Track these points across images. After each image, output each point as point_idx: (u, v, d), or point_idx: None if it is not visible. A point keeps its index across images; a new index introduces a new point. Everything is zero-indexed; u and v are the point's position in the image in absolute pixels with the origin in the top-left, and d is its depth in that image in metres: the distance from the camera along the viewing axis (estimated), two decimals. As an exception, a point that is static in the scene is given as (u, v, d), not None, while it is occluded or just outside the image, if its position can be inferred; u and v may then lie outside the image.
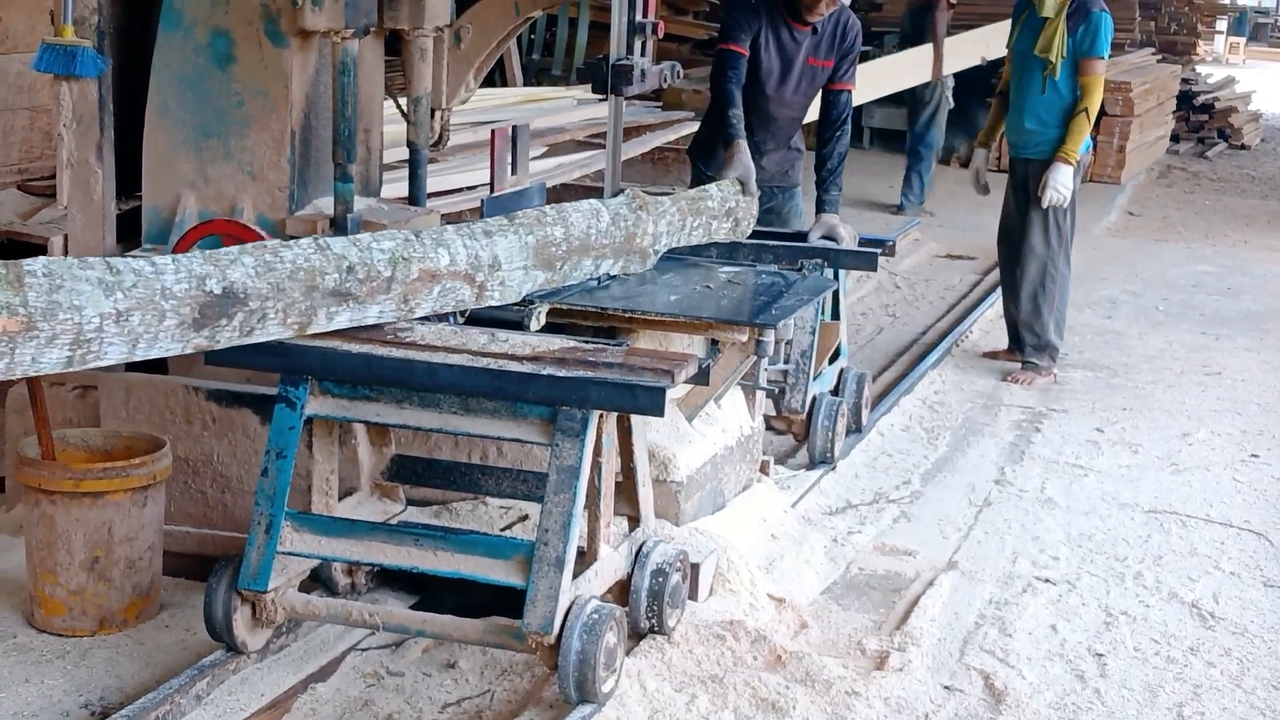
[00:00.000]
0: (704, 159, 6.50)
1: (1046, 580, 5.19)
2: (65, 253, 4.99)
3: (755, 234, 5.89)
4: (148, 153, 4.88)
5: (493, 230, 4.21)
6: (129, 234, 4.95)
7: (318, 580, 4.52)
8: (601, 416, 4.05)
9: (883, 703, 4.20)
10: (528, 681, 4.27)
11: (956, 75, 13.69)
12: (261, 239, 4.56)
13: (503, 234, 4.23)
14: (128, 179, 4.96)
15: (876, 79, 11.46)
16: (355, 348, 3.99)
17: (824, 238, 5.99)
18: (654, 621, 4.37)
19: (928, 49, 12.36)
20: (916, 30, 12.82)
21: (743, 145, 5.92)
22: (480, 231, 4.18)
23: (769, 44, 6.24)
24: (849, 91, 6.33)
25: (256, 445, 4.72)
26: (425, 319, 4.37)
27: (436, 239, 4.04)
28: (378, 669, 4.31)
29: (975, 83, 16.32)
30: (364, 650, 4.41)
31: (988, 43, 13.24)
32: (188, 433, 4.84)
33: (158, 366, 4.96)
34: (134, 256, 3.43)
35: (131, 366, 4.93)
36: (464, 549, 4.06)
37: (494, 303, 4.23)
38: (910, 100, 13.12)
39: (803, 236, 6.05)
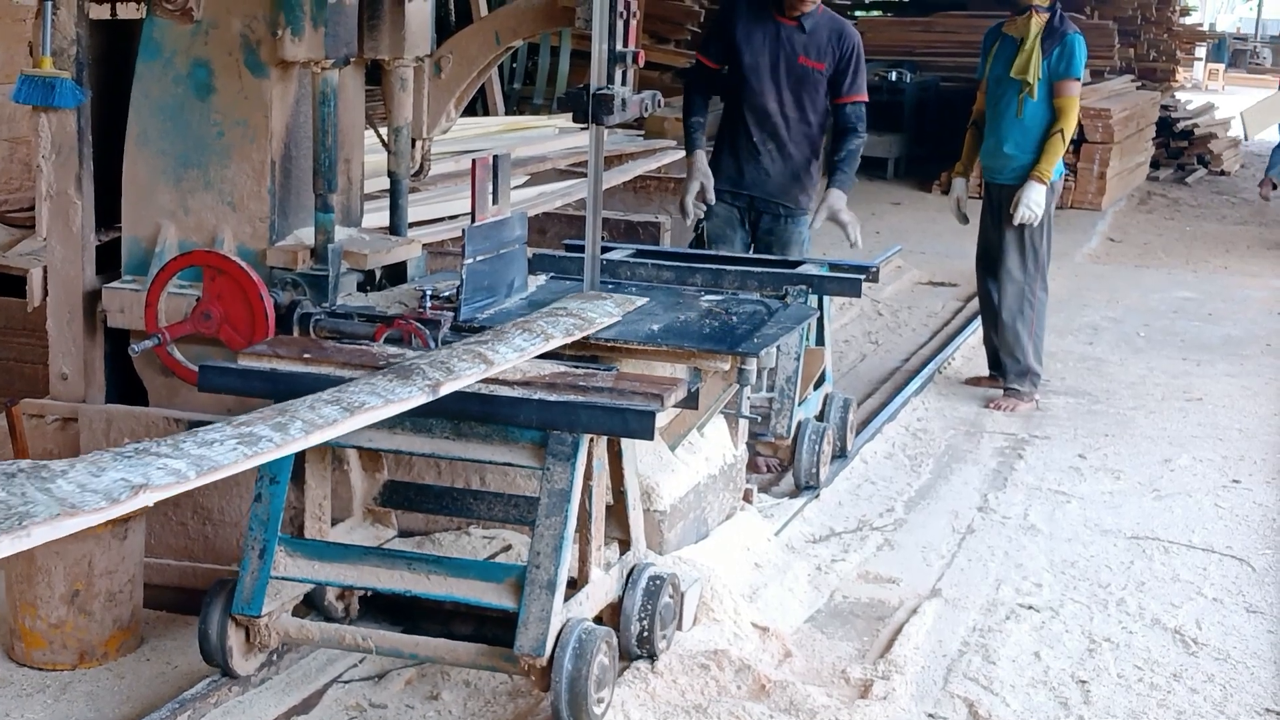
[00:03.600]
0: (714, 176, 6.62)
1: (1030, 607, 5.18)
2: (45, 284, 4.97)
3: (740, 260, 5.92)
4: (127, 183, 4.87)
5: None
6: (109, 265, 4.93)
7: (311, 606, 4.51)
8: (592, 440, 4.09)
9: (867, 731, 4.19)
10: (510, 713, 4.25)
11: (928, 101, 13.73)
12: (242, 270, 4.55)
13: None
14: (107, 210, 4.95)
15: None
16: (347, 374, 4.00)
17: (829, 220, 6.16)
18: (645, 644, 4.36)
19: None
20: None
21: (701, 156, 6.25)
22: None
23: (753, 37, 6.35)
24: (859, 104, 6.47)
25: (238, 477, 4.69)
26: (414, 346, 4.38)
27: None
28: (360, 701, 4.29)
29: (955, 110, 16.41)
30: (346, 682, 4.39)
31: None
32: (168, 464, 4.80)
33: (138, 398, 4.95)
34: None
35: (111, 397, 4.94)
36: (456, 573, 4.09)
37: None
38: None
39: (789, 264, 6.07)
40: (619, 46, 4.84)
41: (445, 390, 3.73)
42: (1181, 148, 19.15)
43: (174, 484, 2.86)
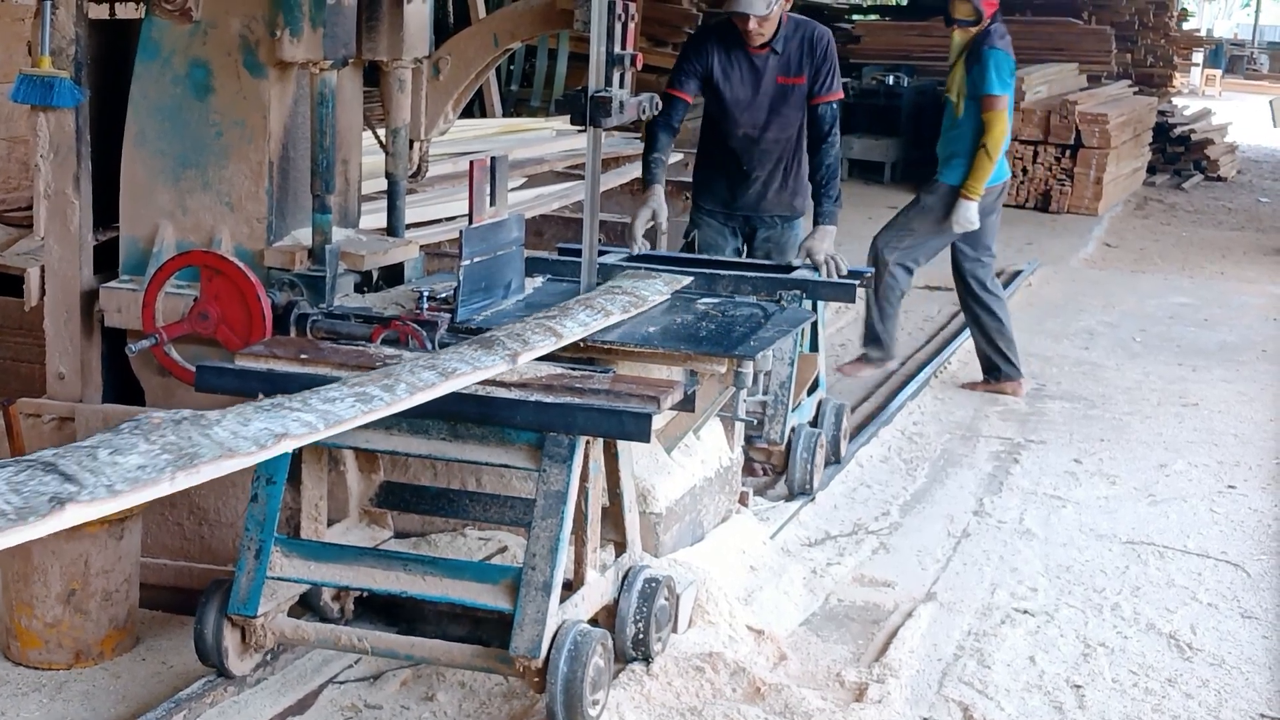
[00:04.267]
0: (698, 195, 6.69)
1: (1025, 611, 5.19)
2: (42, 283, 4.97)
3: (735, 265, 5.92)
4: (125, 183, 4.87)
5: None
6: (106, 265, 4.93)
7: (307, 607, 4.51)
8: (588, 442, 4.09)
9: (862, 735, 4.20)
10: (506, 715, 4.25)
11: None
12: (240, 270, 4.55)
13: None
14: (105, 209, 4.95)
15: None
16: (343, 376, 3.99)
17: (808, 255, 6.09)
18: (640, 646, 4.37)
19: None
20: None
21: (657, 190, 6.20)
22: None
23: (730, 73, 6.32)
24: (831, 103, 6.33)
25: (234, 477, 4.69)
26: (410, 347, 4.39)
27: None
28: (355, 701, 4.29)
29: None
30: (342, 683, 4.39)
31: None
32: (165, 464, 4.80)
33: (135, 398, 4.95)
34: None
35: (108, 397, 4.94)
36: (452, 574, 4.09)
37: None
38: None
39: (783, 268, 6.07)
40: (617, 49, 4.85)
41: (522, 360, 4.07)
42: (1178, 153, 19.17)
43: (308, 434, 3.22)
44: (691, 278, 5.42)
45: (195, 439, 2.96)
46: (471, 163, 4.77)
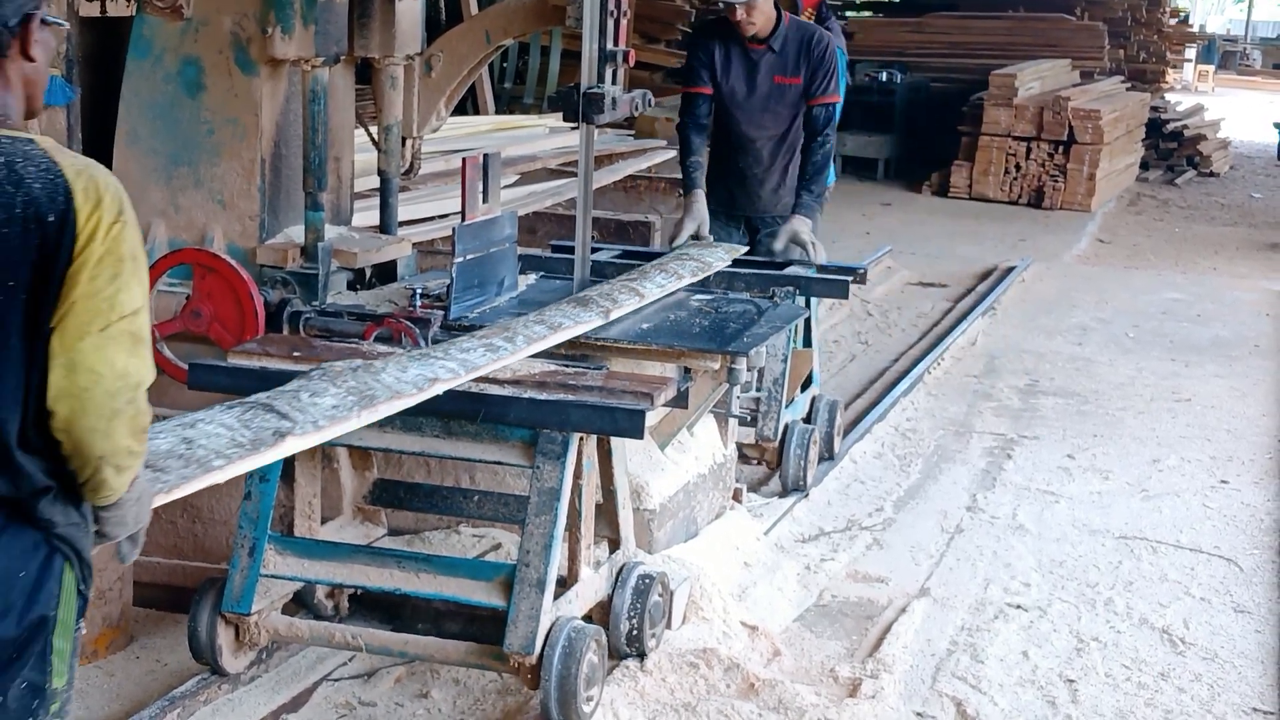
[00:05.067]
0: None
1: (1018, 606, 5.19)
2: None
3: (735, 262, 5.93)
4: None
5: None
6: (99, 263, 4.92)
7: (301, 604, 4.51)
8: (582, 439, 4.09)
9: (855, 730, 4.20)
10: (500, 711, 4.25)
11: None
12: (232, 268, 4.55)
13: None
14: (97, 208, 4.94)
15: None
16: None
17: (791, 242, 6.09)
18: (634, 643, 4.37)
19: None
20: None
21: (699, 195, 6.18)
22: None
23: (729, 69, 6.32)
24: (828, 105, 6.31)
25: (226, 474, 4.70)
26: (403, 345, 4.39)
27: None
28: (350, 699, 4.29)
29: (946, 111, 16.47)
30: (336, 680, 4.39)
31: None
32: (158, 462, 4.80)
33: (128, 396, 4.93)
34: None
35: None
36: (446, 571, 4.10)
37: None
38: None
39: (775, 265, 6.07)
40: (609, 46, 4.85)
41: (614, 315, 4.67)
42: (1171, 149, 19.19)
43: (453, 379, 3.79)
44: (745, 247, 5.90)
45: (370, 383, 3.53)
46: (464, 160, 4.78)
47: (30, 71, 2.55)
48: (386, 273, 5.17)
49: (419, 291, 4.77)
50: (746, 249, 5.95)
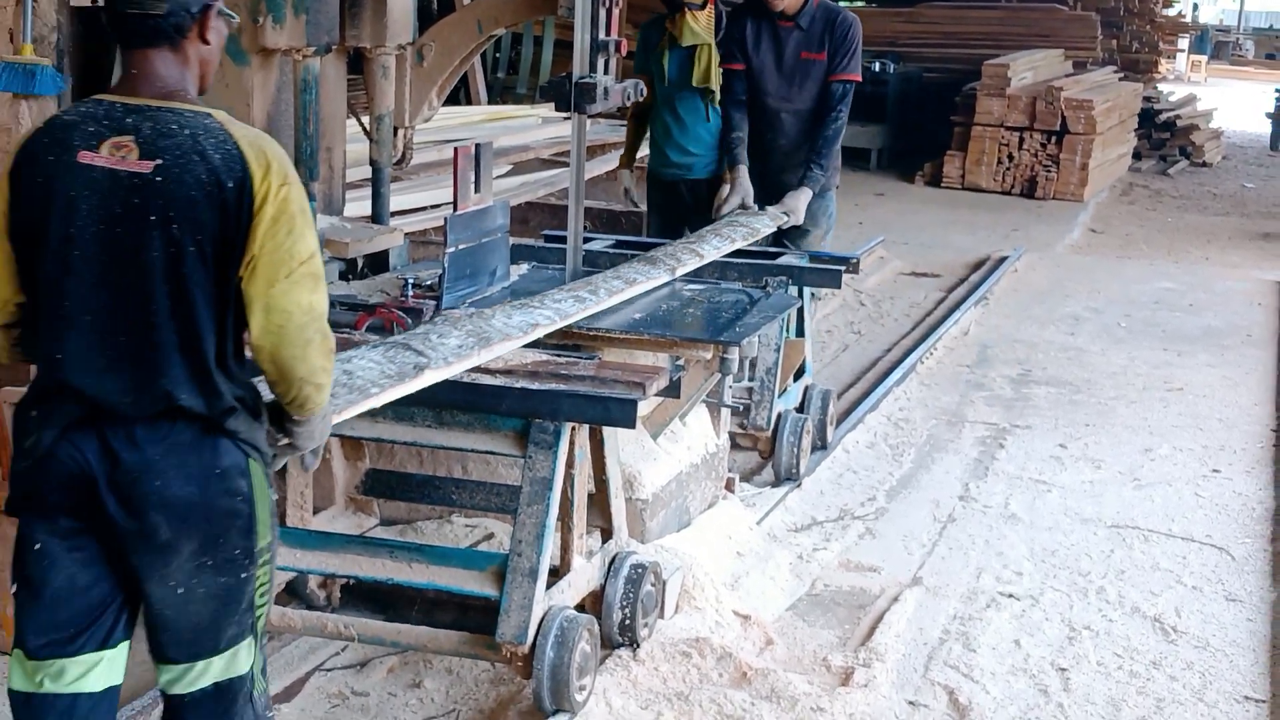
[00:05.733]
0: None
1: (1010, 595, 5.20)
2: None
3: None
4: (109, 171, 4.85)
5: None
6: (90, 253, 4.91)
7: (293, 594, 4.51)
8: (574, 429, 4.10)
9: (848, 719, 4.20)
10: (493, 700, 4.26)
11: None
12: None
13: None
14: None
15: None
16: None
17: (784, 213, 6.31)
18: (627, 632, 4.37)
19: None
20: None
21: (743, 170, 6.45)
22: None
23: (760, 45, 6.57)
24: (844, 82, 6.53)
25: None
26: (395, 334, 4.38)
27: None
28: (342, 689, 4.30)
29: (939, 101, 16.46)
30: (328, 670, 4.39)
31: None
32: (150, 452, 4.79)
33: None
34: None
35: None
36: (439, 561, 4.10)
37: None
38: None
39: (770, 254, 6.09)
40: (601, 35, 4.84)
41: (679, 273, 5.26)
42: (1164, 139, 19.19)
43: (550, 324, 4.35)
44: (787, 218, 6.30)
45: (484, 327, 4.07)
46: (456, 150, 4.77)
47: (205, 53, 3.01)
48: (379, 262, 5.16)
49: (411, 281, 4.77)
50: (788, 217, 6.33)
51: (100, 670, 3.06)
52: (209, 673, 3.05)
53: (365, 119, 5.31)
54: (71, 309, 2.86)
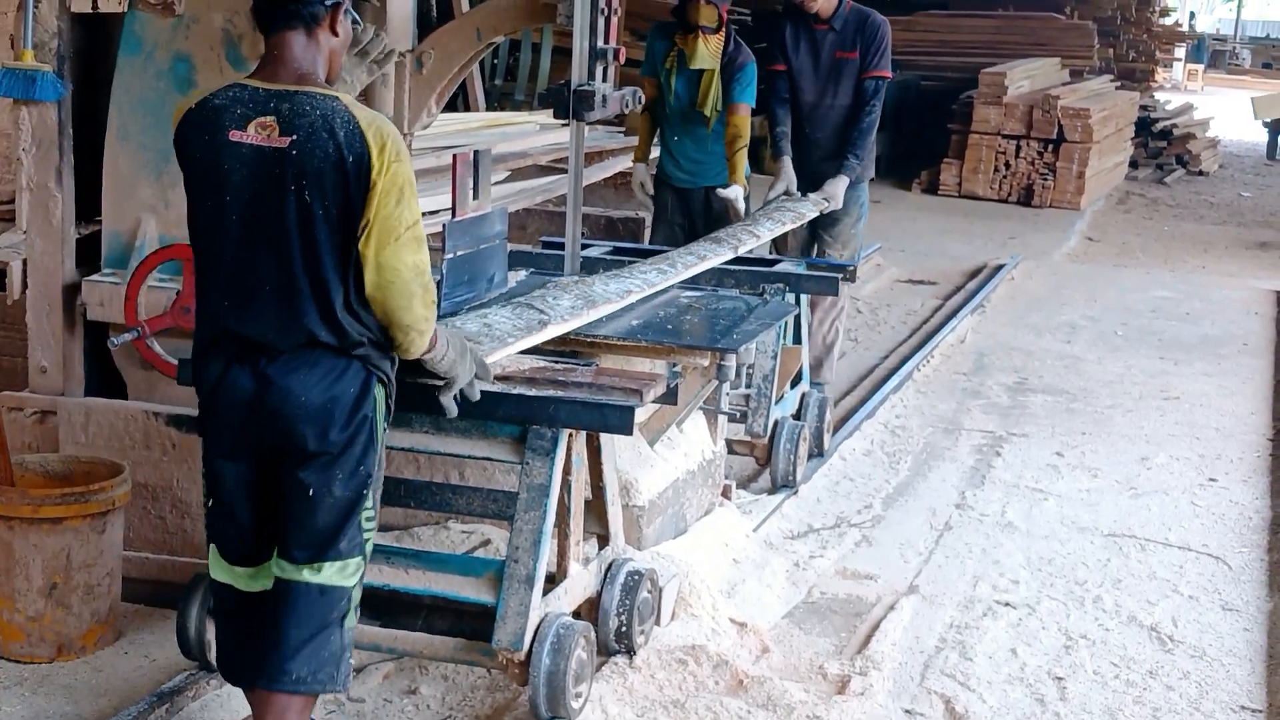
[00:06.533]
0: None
1: (1007, 604, 5.20)
2: (24, 277, 4.96)
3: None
4: (108, 177, 4.86)
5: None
6: (89, 258, 4.92)
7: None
8: (571, 435, 4.10)
9: (844, 727, 4.21)
10: (489, 707, 4.26)
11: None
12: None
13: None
14: (88, 203, 4.94)
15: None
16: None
17: (824, 198, 6.92)
18: (623, 639, 4.37)
19: None
20: None
21: (787, 161, 7.01)
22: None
23: (799, 47, 7.15)
24: (876, 79, 7.08)
25: (216, 470, 4.70)
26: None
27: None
28: (338, 695, 4.29)
29: (936, 109, 16.46)
30: (324, 676, 4.38)
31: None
32: (147, 458, 4.81)
33: (117, 391, 4.94)
34: None
35: (90, 390, 4.94)
36: (435, 567, 4.10)
37: None
38: None
39: (768, 262, 6.12)
40: (600, 43, 4.85)
41: (742, 251, 5.91)
42: (1160, 148, 19.22)
43: (640, 291, 4.97)
44: (827, 202, 6.90)
45: (589, 292, 4.67)
46: (455, 156, 4.77)
47: (334, 45, 3.53)
48: (377, 269, 5.15)
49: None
50: (828, 203, 6.93)
51: (264, 576, 3.57)
52: (320, 575, 3.50)
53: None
54: (226, 268, 3.43)
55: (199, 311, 3.56)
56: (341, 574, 3.53)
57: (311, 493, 3.46)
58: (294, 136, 3.34)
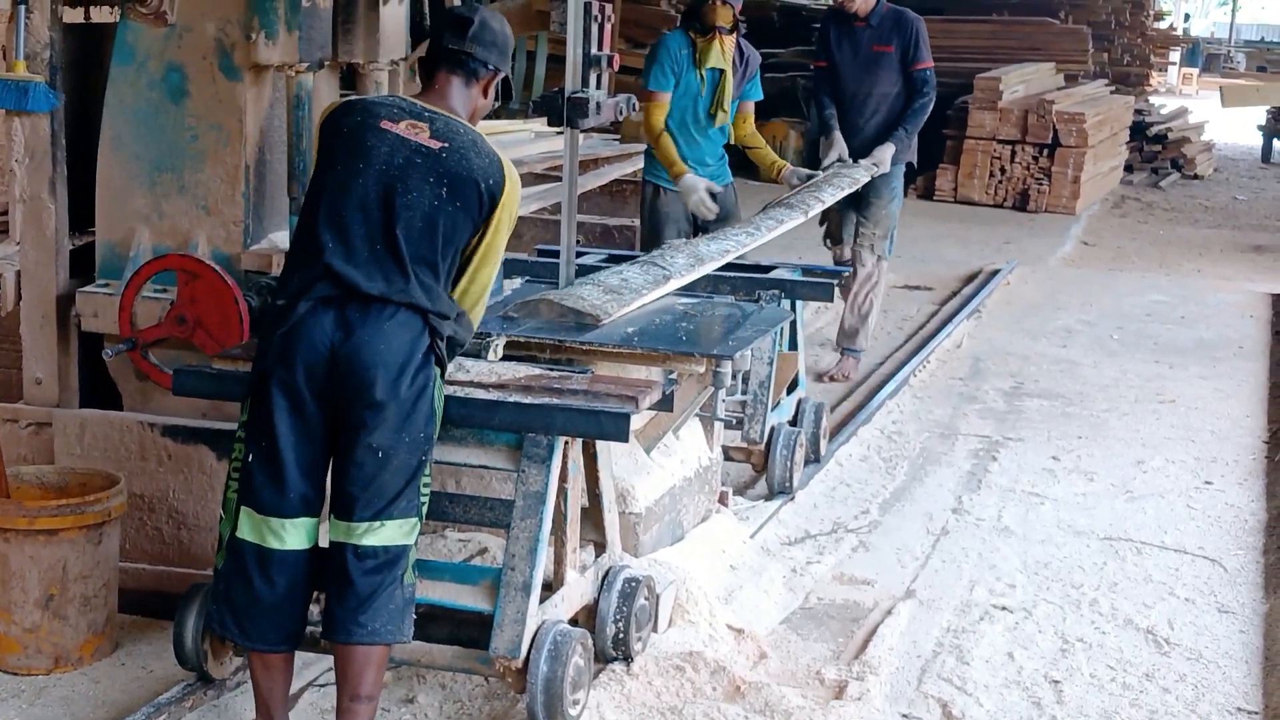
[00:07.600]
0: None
1: (1003, 608, 5.20)
2: (18, 288, 4.96)
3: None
4: (101, 187, 4.86)
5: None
6: (83, 269, 4.92)
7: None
8: (567, 443, 4.10)
9: (841, 732, 4.21)
10: (486, 715, 4.26)
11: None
12: (216, 274, 4.54)
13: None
14: (81, 214, 4.94)
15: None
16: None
17: (874, 164, 7.82)
18: (621, 646, 4.37)
19: None
20: None
21: (837, 134, 7.96)
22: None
23: (841, 43, 8.11)
24: (922, 70, 8.08)
25: (212, 481, 4.70)
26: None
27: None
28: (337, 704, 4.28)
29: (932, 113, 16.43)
30: (322, 686, 4.38)
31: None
32: (143, 469, 4.81)
33: (112, 402, 4.94)
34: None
35: (85, 402, 4.93)
36: (432, 575, 4.10)
37: None
38: None
39: (763, 268, 6.13)
40: (594, 50, 4.85)
41: (812, 214, 6.84)
42: (1155, 152, 19.24)
43: (737, 249, 5.92)
44: (876, 167, 7.85)
45: (695, 252, 5.57)
46: (448, 164, 4.76)
47: (480, 103, 4.07)
48: (371, 278, 5.15)
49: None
50: (877, 167, 7.86)
51: (306, 532, 3.80)
52: (381, 534, 3.75)
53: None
54: (349, 216, 3.77)
55: (293, 255, 3.87)
56: (400, 531, 3.77)
57: (379, 454, 3.70)
58: (446, 144, 3.83)
